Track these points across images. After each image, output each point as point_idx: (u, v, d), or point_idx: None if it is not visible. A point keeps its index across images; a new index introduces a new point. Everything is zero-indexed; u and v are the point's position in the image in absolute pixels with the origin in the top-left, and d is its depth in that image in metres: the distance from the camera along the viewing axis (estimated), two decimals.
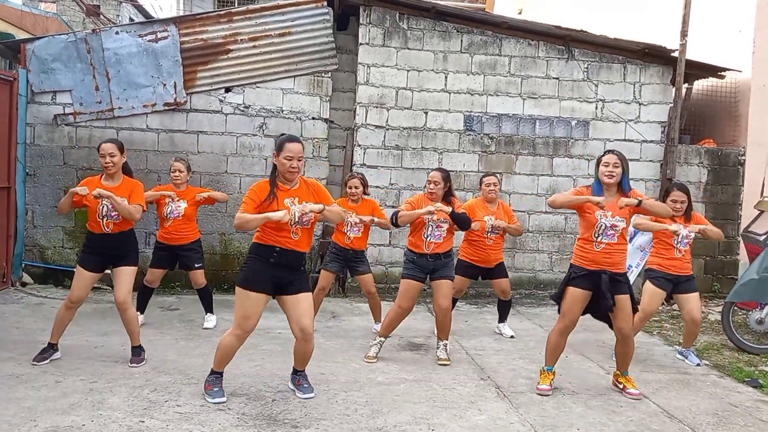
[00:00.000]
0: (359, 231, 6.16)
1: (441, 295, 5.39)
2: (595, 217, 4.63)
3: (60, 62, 7.86)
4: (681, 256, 5.61)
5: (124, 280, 4.97)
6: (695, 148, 8.89)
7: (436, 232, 5.36)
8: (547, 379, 4.83)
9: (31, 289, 7.50)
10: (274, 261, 4.24)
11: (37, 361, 4.87)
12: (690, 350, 5.90)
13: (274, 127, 8.32)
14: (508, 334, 6.48)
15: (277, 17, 8.18)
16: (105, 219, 4.91)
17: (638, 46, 8.46)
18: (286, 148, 4.20)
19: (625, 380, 4.89)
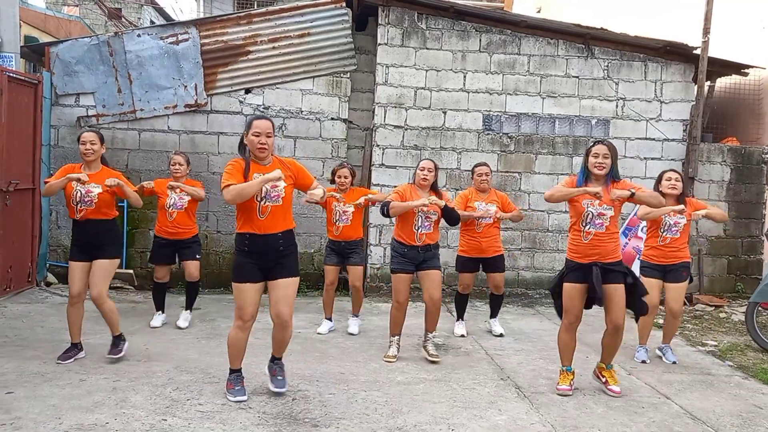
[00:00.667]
0: (348, 220, 6.14)
1: (432, 286, 5.37)
2: (582, 206, 4.59)
3: (83, 65, 7.97)
4: (665, 244, 5.53)
5: (99, 275, 4.95)
6: (718, 146, 8.78)
7: (426, 222, 5.35)
8: (567, 379, 4.79)
9: (55, 289, 7.61)
10: (248, 249, 4.21)
11: (61, 360, 4.94)
12: (668, 346, 5.80)
13: (294, 128, 8.36)
14: (497, 331, 6.42)
15: (296, 18, 8.23)
16: (79, 205, 4.94)
17: (659, 43, 8.38)
18: (253, 125, 4.16)
19: (608, 375, 4.82)
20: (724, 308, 8.03)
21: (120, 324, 5.17)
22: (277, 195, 4.19)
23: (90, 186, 4.93)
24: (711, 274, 8.75)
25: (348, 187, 6.21)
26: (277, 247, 4.25)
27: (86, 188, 4.92)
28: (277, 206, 4.22)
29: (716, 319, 7.58)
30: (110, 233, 5.10)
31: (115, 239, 5.17)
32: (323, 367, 5.17)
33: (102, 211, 5.01)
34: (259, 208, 4.18)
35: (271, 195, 4.17)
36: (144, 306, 7.13)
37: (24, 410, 3.99)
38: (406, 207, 5.27)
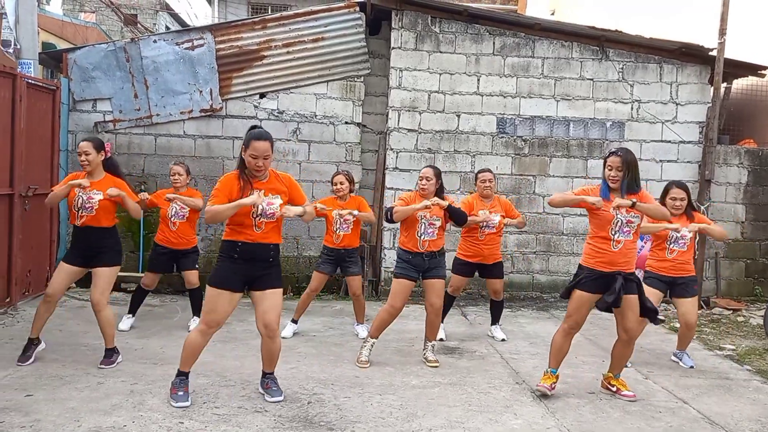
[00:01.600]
0: (348, 228, 6.11)
1: (435, 294, 5.36)
2: (611, 214, 4.52)
3: (100, 71, 8.07)
4: (673, 257, 5.47)
5: (100, 281, 4.96)
6: (735, 148, 8.71)
7: (429, 229, 5.32)
8: (549, 380, 4.75)
9: (73, 293, 7.68)
10: (238, 256, 4.18)
11: (21, 362, 4.90)
12: (684, 352, 5.75)
13: (308, 132, 8.41)
14: (499, 337, 6.36)
15: (310, 23, 8.28)
16: (80, 211, 4.96)
17: (675, 45, 8.33)
18: (252, 146, 4.14)
19: (618, 383, 4.79)
20: (741, 312, 7.95)
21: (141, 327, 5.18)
22: (272, 213, 4.20)
23: (91, 193, 4.96)
24: (728, 277, 8.67)
25: (346, 194, 6.15)
26: (268, 257, 4.25)
27: (88, 194, 4.95)
28: (271, 222, 4.22)
29: (734, 323, 7.51)
30: (110, 240, 5.10)
31: (114, 246, 5.14)
32: (338, 370, 5.18)
33: (102, 218, 5.02)
34: (255, 224, 4.18)
35: (267, 212, 4.18)
36: (160, 309, 7.20)
37: (43, 413, 4.03)
38: (407, 210, 5.25)
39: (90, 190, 4.96)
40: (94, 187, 4.98)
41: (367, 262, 8.34)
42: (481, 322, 7.14)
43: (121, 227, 8.13)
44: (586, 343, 6.32)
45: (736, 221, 8.66)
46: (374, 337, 5.46)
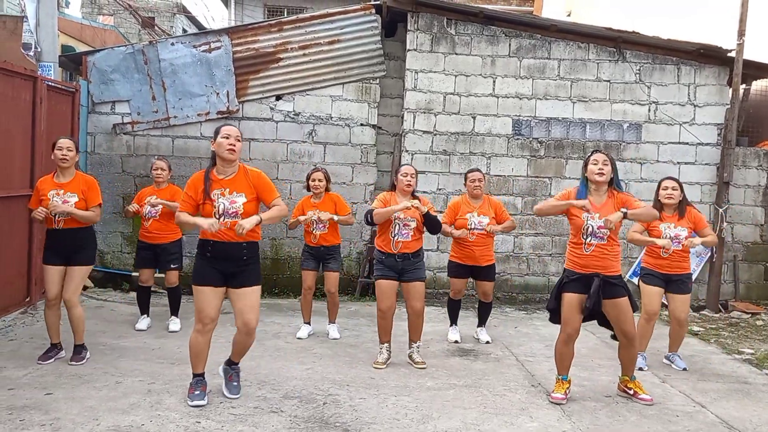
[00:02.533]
0: (324, 227, 6.14)
1: (412, 297, 5.33)
2: (581, 219, 4.53)
3: (119, 73, 8.15)
4: (668, 256, 5.44)
5: (72, 280, 5.03)
6: (754, 150, 8.61)
7: (404, 230, 5.27)
8: (562, 387, 4.70)
9: (91, 293, 7.77)
10: (210, 254, 4.23)
11: (41, 361, 5.02)
12: (676, 354, 5.71)
13: (324, 134, 8.44)
14: (484, 339, 6.31)
15: (326, 25, 8.31)
16: (56, 216, 4.98)
17: (693, 46, 8.26)
18: (222, 131, 4.23)
19: (634, 385, 4.76)
20: (761, 315, 7.86)
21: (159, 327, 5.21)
22: (235, 211, 4.20)
23: (66, 196, 4.99)
24: (747, 280, 8.57)
25: (322, 192, 6.17)
26: (241, 256, 4.26)
27: (63, 198, 4.98)
28: (236, 221, 4.16)
29: (753, 327, 7.43)
30: (86, 240, 5.16)
31: (91, 244, 5.23)
32: (353, 371, 5.19)
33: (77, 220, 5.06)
34: (221, 223, 4.19)
35: (229, 211, 4.19)
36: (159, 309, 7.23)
37: (62, 411, 4.09)
38: (388, 212, 5.20)
39: (65, 192, 5.00)
40: (68, 189, 5.01)
41: (367, 262, 8.34)
42: (496, 324, 7.13)
43: (128, 227, 8.24)
44: (602, 347, 6.29)
45: (755, 224, 8.57)
46: (383, 342, 5.46)
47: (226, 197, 4.21)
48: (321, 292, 8.31)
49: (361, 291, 8.42)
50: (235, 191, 4.23)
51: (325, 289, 6.37)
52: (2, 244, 6.29)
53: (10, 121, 6.33)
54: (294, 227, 6.33)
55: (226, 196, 4.21)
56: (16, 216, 6.50)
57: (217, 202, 4.20)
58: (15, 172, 6.46)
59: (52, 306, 5.10)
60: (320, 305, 7.75)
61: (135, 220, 8.23)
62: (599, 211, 4.52)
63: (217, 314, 4.34)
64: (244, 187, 4.27)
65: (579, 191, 4.65)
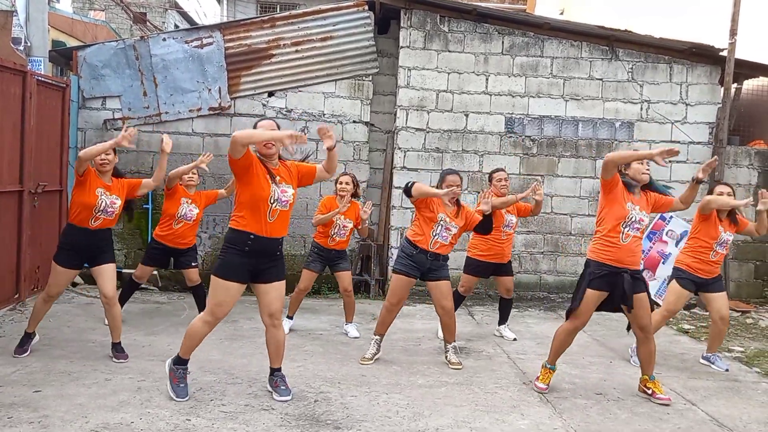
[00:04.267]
0: (344, 235, 6.13)
1: (443, 296, 5.28)
2: (626, 209, 4.52)
3: (110, 68, 8.09)
4: (716, 260, 5.48)
5: (108, 277, 5.06)
6: (745, 149, 8.65)
7: (444, 233, 5.22)
8: (547, 377, 4.80)
9: (81, 290, 7.72)
10: (249, 249, 4.14)
11: (18, 354, 5.01)
12: (716, 355, 5.73)
13: (316, 131, 8.37)
14: (510, 337, 6.33)
15: (318, 22, 8.27)
16: (101, 214, 4.99)
17: (685, 45, 8.28)
18: (259, 125, 4.30)
19: (653, 385, 4.75)
20: (751, 314, 7.90)
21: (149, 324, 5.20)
22: (286, 200, 4.21)
23: (113, 197, 5.05)
24: (737, 279, 8.61)
25: (349, 196, 6.10)
26: (275, 251, 4.27)
27: (111, 198, 5.02)
28: (285, 211, 4.22)
29: (743, 325, 7.47)
30: (108, 240, 5.21)
31: (111, 244, 5.25)
32: (345, 369, 5.18)
33: (111, 220, 5.11)
34: (270, 211, 4.15)
35: (282, 199, 4.18)
36: (168, 307, 7.22)
37: (52, 408, 4.05)
38: (431, 193, 5.16)
39: (112, 194, 5.05)
40: (114, 192, 5.06)
41: (374, 262, 8.34)
42: (489, 322, 7.13)
43: (129, 225, 8.19)
44: (593, 344, 6.30)
45: None
46: (379, 334, 5.47)
47: (279, 185, 4.18)
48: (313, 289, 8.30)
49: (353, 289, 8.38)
50: (285, 182, 4.24)
51: (341, 290, 6.29)
52: None
53: None
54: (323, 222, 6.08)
55: (279, 184, 4.18)
56: (5, 211, 6.45)
57: (272, 188, 4.14)
58: (3, 167, 6.40)
59: (49, 301, 5.13)
60: (314, 303, 7.74)
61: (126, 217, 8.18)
62: (638, 203, 4.59)
63: (229, 312, 4.33)
64: (291, 179, 4.31)
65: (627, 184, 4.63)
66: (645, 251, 8.21)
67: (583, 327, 4.76)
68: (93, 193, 4.94)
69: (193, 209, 6.18)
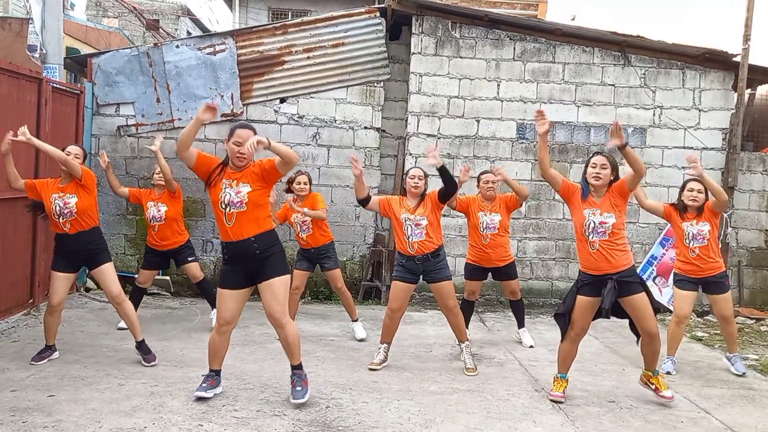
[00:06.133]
0: (309, 229, 6.18)
1: (445, 296, 5.29)
2: (583, 215, 4.51)
3: (123, 75, 8.17)
4: (697, 255, 5.43)
5: (109, 277, 5.10)
6: (759, 155, 8.59)
7: (416, 230, 5.21)
8: (561, 386, 4.76)
9: (94, 295, 7.77)
10: (229, 256, 4.30)
11: (35, 361, 5.02)
12: (736, 355, 5.70)
13: (328, 137, 8.43)
14: (527, 343, 6.29)
15: (330, 28, 8.31)
16: (61, 218, 4.96)
17: (698, 51, 8.24)
18: (235, 134, 4.21)
19: (656, 381, 4.74)
20: (765, 321, 7.83)
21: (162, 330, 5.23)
22: (240, 201, 4.21)
23: (66, 197, 4.99)
24: (751, 286, 8.54)
25: (306, 193, 6.18)
26: (253, 251, 4.25)
27: (64, 200, 4.98)
28: (242, 212, 4.21)
29: (757, 333, 7.40)
30: (100, 240, 5.18)
31: (102, 245, 5.20)
32: (356, 375, 5.18)
33: (83, 221, 5.05)
34: (225, 216, 4.23)
35: (234, 201, 4.20)
36: (180, 312, 7.25)
37: (65, 413, 4.08)
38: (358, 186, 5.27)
39: (65, 194, 4.99)
40: (67, 191, 5.01)
41: (385, 267, 8.34)
42: (500, 328, 7.11)
43: (141, 230, 8.25)
44: (606, 351, 6.27)
45: (760, 229, 8.54)
46: (385, 342, 5.46)
47: (233, 188, 4.22)
48: (324, 295, 8.32)
49: (364, 294, 8.41)
50: (240, 182, 4.25)
51: (334, 288, 6.40)
52: (6, 246, 6.29)
53: (15, 123, 6.31)
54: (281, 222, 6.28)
55: (233, 186, 4.23)
56: (20, 218, 6.51)
57: (225, 191, 4.22)
58: (19, 173, 6.44)
59: (54, 312, 5.08)
60: (325, 308, 7.75)
61: (139, 222, 8.26)
62: (599, 206, 4.53)
63: (234, 317, 4.38)
64: (250, 176, 4.27)
65: (583, 189, 4.63)
66: (657, 258, 8.17)
67: (583, 334, 4.70)
68: (48, 200, 5.01)
69: (161, 208, 6.24)
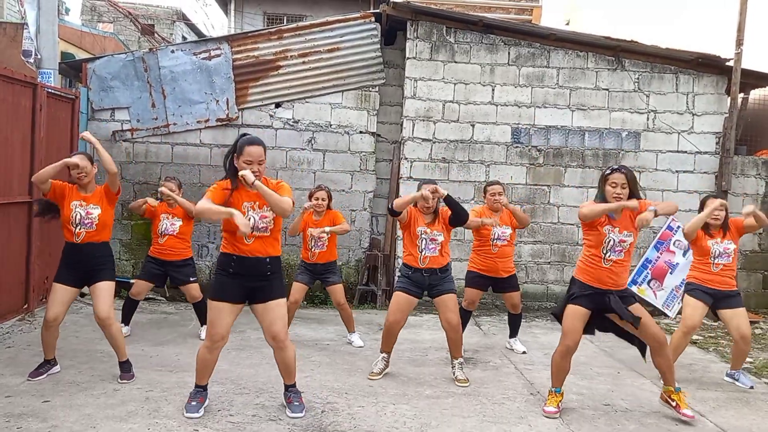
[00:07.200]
0: (323, 246, 6.13)
1: (447, 310, 5.18)
2: (603, 232, 4.45)
3: (119, 80, 8.17)
4: (719, 271, 5.39)
5: (104, 296, 4.79)
6: (752, 159, 8.64)
7: (431, 245, 5.16)
8: (555, 401, 4.62)
9: (89, 300, 7.73)
10: (233, 270, 4.11)
11: (32, 377, 4.78)
12: (740, 372, 5.63)
13: (323, 141, 8.45)
14: (519, 350, 6.28)
15: (325, 33, 8.33)
16: (78, 227, 4.77)
17: (691, 55, 8.29)
18: (246, 152, 4.01)
19: (678, 398, 4.59)
20: (759, 324, 7.86)
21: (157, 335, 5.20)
22: (265, 226, 4.10)
23: (89, 207, 4.81)
24: (746, 289, 8.56)
25: (324, 209, 6.17)
26: (265, 271, 4.15)
27: (86, 209, 4.79)
28: (265, 236, 4.12)
29: (752, 336, 7.40)
30: (108, 255, 4.96)
31: (111, 262, 4.99)
32: (352, 379, 5.18)
33: (102, 233, 4.87)
34: (245, 236, 4.04)
35: (260, 226, 4.08)
36: (175, 317, 7.24)
37: (60, 419, 4.07)
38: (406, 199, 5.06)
39: (88, 204, 4.81)
40: (91, 202, 4.83)
41: (381, 272, 8.35)
42: (495, 332, 7.12)
43: (137, 235, 8.24)
44: (601, 355, 6.28)
45: (753, 233, 8.57)
46: (384, 352, 5.42)
47: (257, 211, 4.07)
48: (320, 299, 8.32)
49: (359, 299, 8.41)
50: (265, 206, 4.07)
51: (334, 303, 6.34)
52: (0, 252, 6.27)
53: (9, 128, 6.33)
54: (295, 234, 6.30)
55: (256, 210, 4.07)
56: (15, 223, 6.50)
57: (248, 214, 4.04)
58: (14, 178, 6.46)
59: (49, 327, 4.80)
60: (321, 313, 7.75)
61: (135, 227, 8.25)
62: (619, 224, 4.46)
63: (228, 332, 4.21)
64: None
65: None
66: (652, 261, 8.20)
67: (575, 348, 4.58)
68: (68, 207, 4.81)
69: (175, 223, 6.16)
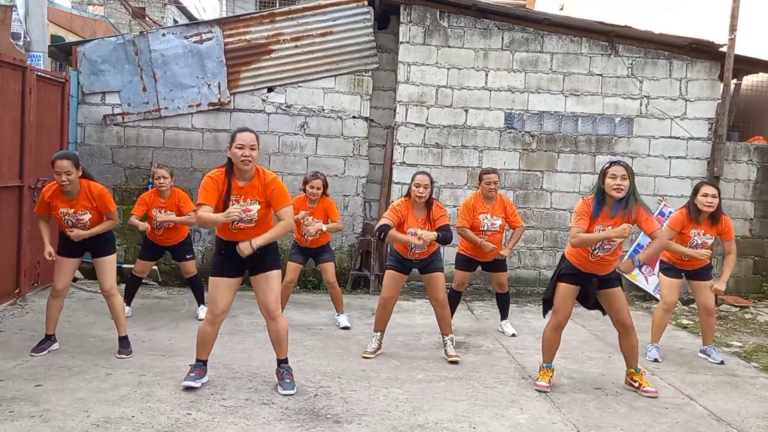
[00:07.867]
0: (317, 234, 6.17)
1: (436, 288, 5.36)
2: (594, 231, 4.51)
3: (109, 64, 8.09)
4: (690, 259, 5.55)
5: (107, 269, 5.10)
6: (744, 145, 8.66)
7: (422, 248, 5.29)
8: (546, 375, 4.81)
9: (81, 285, 7.73)
10: (224, 252, 4.36)
11: (35, 352, 4.98)
12: (711, 346, 5.77)
13: (316, 126, 8.41)
14: (509, 332, 6.34)
15: (318, 17, 8.27)
16: (72, 228, 4.97)
17: (685, 41, 8.28)
18: (237, 137, 4.22)
19: (639, 378, 4.80)
20: (749, 309, 7.93)
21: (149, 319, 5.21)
22: (249, 219, 4.30)
23: (79, 214, 4.96)
24: (736, 274, 8.63)
25: (318, 197, 6.18)
26: (252, 254, 4.27)
27: (76, 216, 4.96)
28: (250, 227, 4.31)
29: (741, 320, 7.49)
30: (107, 234, 5.14)
31: (109, 236, 5.19)
32: (345, 363, 5.20)
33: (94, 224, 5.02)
34: (232, 226, 4.29)
35: (244, 219, 4.27)
36: (168, 302, 7.23)
37: (53, 403, 4.07)
38: (399, 240, 5.18)
39: (76, 212, 4.95)
40: (78, 208, 4.95)
41: (374, 257, 8.36)
42: (488, 317, 7.15)
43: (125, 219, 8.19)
44: (593, 339, 6.33)
45: (745, 218, 8.63)
46: (378, 330, 5.52)
47: (241, 204, 4.25)
48: (312, 284, 8.32)
49: (352, 284, 8.42)
50: (250, 199, 4.29)
51: (325, 281, 6.42)
52: None
53: None
54: None
55: (240, 203, 4.26)
56: (6, 207, 6.46)
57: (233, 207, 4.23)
58: (3, 162, 6.41)
59: (57, 296, 5.09)
60: (314, 297, 7.76)
61: (126, 213, 8.20)
62: (611, 223, 4.47)
63: (228, 306, 4.43)
64: (258, 195, 4.30)
65: (595, 202, 4.52)
66: (644, 246, 8.23)
67: (566, 322, 4.78)
68: (58, 214, 5.00)
69: (169, 216, 6.22)
